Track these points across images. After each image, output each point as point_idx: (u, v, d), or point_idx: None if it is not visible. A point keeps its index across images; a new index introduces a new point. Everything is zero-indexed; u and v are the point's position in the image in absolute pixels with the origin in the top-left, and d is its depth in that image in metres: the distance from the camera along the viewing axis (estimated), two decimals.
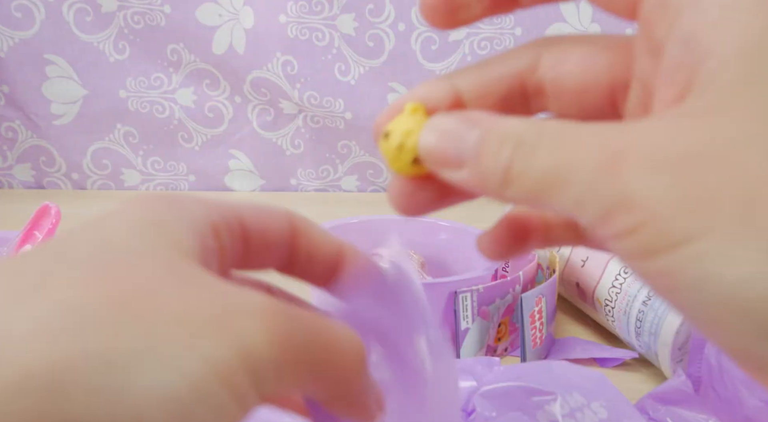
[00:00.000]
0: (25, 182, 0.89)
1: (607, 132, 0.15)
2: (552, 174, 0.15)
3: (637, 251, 0.14)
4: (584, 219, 0.15)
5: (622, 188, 0.14)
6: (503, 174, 0.16)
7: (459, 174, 0.17)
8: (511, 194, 0.16)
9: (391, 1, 0.83)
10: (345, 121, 0.88)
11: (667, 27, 0.16)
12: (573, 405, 0.34)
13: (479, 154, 0.16)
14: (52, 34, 0.81)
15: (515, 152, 0.16)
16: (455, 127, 0.17)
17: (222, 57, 0.83)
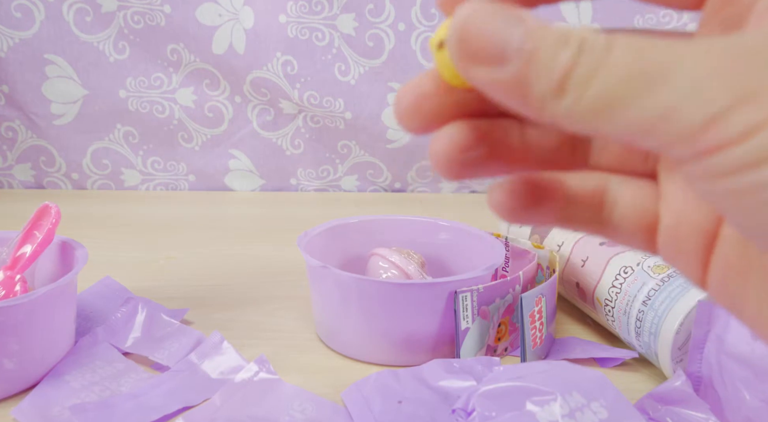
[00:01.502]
0: (25, 182, 0.89)
1: (704, 39, 0.13)
2: (634, 76, 0.13)
3: (751, 157, 0.12)
4: (668, 134, 0.13)
5: (747, 84, 0.12)
6: (560, 77, 0.13)
7: (497, 72, 0.14)
8: (563, 108, 0.14)
9: (391, 1, 0.83)
10: (345, 121, 0.87)
11: None
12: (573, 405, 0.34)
13: (530, 47, 0.14)
14: (52, 34, 0.81)
15: (580, 54, 0.13)
16: (496, 15, 0.14)
17: (222, 57, 0.83)
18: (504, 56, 0.14)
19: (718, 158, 0.13)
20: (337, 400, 0.40)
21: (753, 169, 0.12)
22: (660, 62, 0.13)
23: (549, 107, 0.14)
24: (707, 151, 0.13)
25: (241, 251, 0.67)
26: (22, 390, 0.40)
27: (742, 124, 0.12)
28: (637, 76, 0.13)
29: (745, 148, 0.12)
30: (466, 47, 0.14)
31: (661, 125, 0.13)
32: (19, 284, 0.44)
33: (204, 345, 0.44)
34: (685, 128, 0.13)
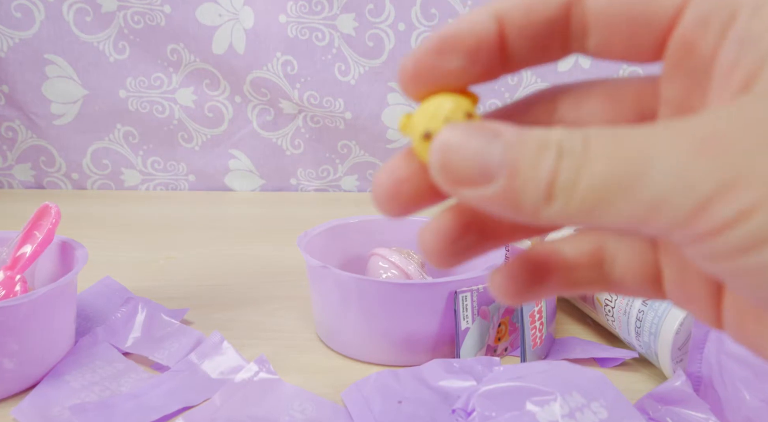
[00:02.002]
0: (25, 182, 0.89)
1: (675, 124, 0.13)
2: (617, 177, 0.13)
3: (747, 241, 0.12)
4: (661, 224, 0.13)
5: (726, 171, 0.12)
6: (546, 186, 0.14)
7: (485, 191, 0.14)
8: (555, 212, 0.14)
9: (391, 1, 0.83)
10: (345, 121, 0.88)
11: (716, 37, 0.15)
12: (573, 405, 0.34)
13: (512, 163, 0.14)
14: (52, 34, 0.81)
15: (560, 159, 0.13)
16: (473, 136, 0.15)
17: (222, 57, 0.83)
18: (488, 175, 0.14)
19: (713, 242, 0.13)
20: (337, 400, 0.40)
21: (749, 253, 0.12)
22: (638, 157, 0.13)
23: (542, 213, 0.14)
24: (702, 236, 0.13)
25: (241, 251, 0.67)
26: (22, 390, 0.40)
27: (731, 211, 0.12)
28: (619, 175, 0.13)
29: (738, 233, 0.12)
30: (450, 173, 0.15)
31: (652, 216, 0.13)
32: (19, 284, 0.44)
33: (204, 345, 0.44)
34: (676, 218, 0.13)
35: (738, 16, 0.15)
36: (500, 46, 0.18)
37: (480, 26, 0.17)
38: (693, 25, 0.16)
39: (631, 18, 0.17)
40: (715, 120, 0.13)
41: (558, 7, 0.17)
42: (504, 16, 0.17)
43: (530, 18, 0.17)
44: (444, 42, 0.17)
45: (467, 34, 0.17)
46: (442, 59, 0.17)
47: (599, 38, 0.17)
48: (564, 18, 0.17)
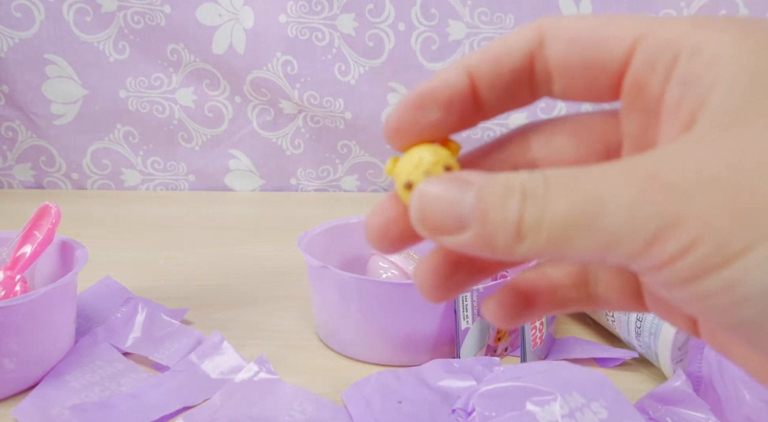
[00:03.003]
0: (25, 182, 0.89)
1: (623, 164, 0.15)
2: (575, 216, 0.14)
3: (693, 271, 0.14)
4: (619, 256, 0.14)
5: (668, 209, 0.13)
6: (515, 228, 0.15)
7: (461, 238, 0.16)
8: (527, 249, 0.15)
9: (391, 1, 0.82)
10: (345, 121, 0.87)
11: (663, 78, 0.17)
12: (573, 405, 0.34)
13: (482, 210, 0.15)
14: (52, 34, 0.81)
15: (524, 202, 0.15)
16: (446, 188, 0.16)
17: (222, 57, 0.83)
18: (462, 223, 0.16)
19: (663, 273, 0.14)
20: (337, 400, 0.40)
21: (694, 282, 0.14)
22: (593, 197, 0.14)
23: (515, 252, 0.15)
24: (653, 268, 0.14)
25: (241, 251, 0.67)
26: (22, 390, 0.40)
27: (674, 247, 0.14)
28: (578, 214, 0.14)
29: (682, 265, 0.14)
30: (428, 224, 0.16)
31: (610, 251, 0.14)
32: (19, 284, 0.44)
33: (204, 345, 0.44)
34: (629, 252, 0.14)
35: (680, 58, 0.16)
36: (473, 98, 0.19)
37: (453, 81, 0.19)
38: (642, 67, 0.17)
39: (587, 65, 0.18)
40: (658, 160, 0.14)
41: (522, 60, 0.19)
42: (474, 70, 0.19)
43: (498, 71, 0.19)
44: (421, 98, 0.19)
45: (442, 88, 0.19)
46: (421, 114, 0.19)
47: (561, 84, 0.19)
48: (529, 68, 0.19)
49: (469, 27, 0.84)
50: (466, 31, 0.85)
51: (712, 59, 0.15)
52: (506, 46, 0.19)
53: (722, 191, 0.13)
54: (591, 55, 0.18)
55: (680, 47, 0.16)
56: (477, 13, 0.83)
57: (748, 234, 0.13)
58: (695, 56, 0.16)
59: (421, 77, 0.86)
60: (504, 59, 0.19)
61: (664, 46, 0.17)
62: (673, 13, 0.80)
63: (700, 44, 0.16)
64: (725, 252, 0.13)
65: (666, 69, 0.17)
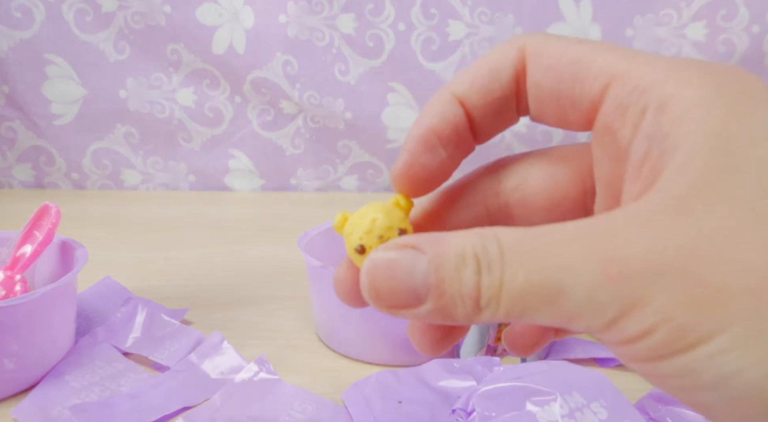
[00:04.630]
0: (25, 182, 0.89)
1: (582, 241, 0.14)
2: (533, 292, 0.14)
3: (651, 353, 0.14)
4: (581, 327, 0.14)
5: (629, 295, 0.13)
6: (472, 302, 0.15)
7: (420, 311, 0.15)
8: (486, 318, 0.15)
9: (391, 1, 0.82)
10: (345, 121, 0.87)
11: (631, 129, 0.16)
12: (573, 405, 0.34)
13: (437, 283, 0.15)
14: (52, 34, 0.81)
15: (479, 273, 0.14)
16: (397, 260, 0.15)
17: (222, 57, 0.83)
18: (418, 298, 0.15)
19: (625, 350, 0.14)
20: (337, 400, 0.40)
21: (654, 362, 0.14)
22: (551, 276, 0.14)
23: (475, 319, 0.15)
24: (615, 343, 0.14)
25: (241, 251, 0.67)
26: (22, 390, 0.40)
27: (634, 329, 0.14)
28: (537, 290, 0.14)
29: (642, 346, 0.14)
30: (382, 302, 0.16)
31: (573, 323, 0.14)
32: (19, 284, 0.44)
33: (204, 345, 0.44)
34: (592, 328, 0.14)
35: (647, 111, 0.16)
36: (471, 127, 0.19)
37: (451, 116, 0.19)
38: (612, 113, 0.17)
39: (559, 97, 0.18)
40: (615, 243, 0.14)
41: (510, 85, 0.18)
42: (464, 100, 0.19)
43: (487, 98, 0.19)
44: (427, 140, 0.19)
45: (443, 126, 0.19)
46: (430, 156, 0.19)
47: (535, 108, 0.19)
48: (516, 91, 0.19)
49: (469, 27, 0.84)
50: (466, 31, 0.85)
51: (679, 118, 0.15)
52: (493, 71, 0.18)
53: (675, 281, 0.13)
54: (564, 90, 0.18)
55: (649, 99, 0.16)
56: (477, 13, 0.83)
57: (703, 324, 0.13)
58: (663, 112, 0.15)
59: (421, 77, 0.86)
60: (494, 85, 0.18)
61: (635, 93, 0.16)
62: (672, 13, 0.80)
63: (670, 99, 0.15)
64: (683, 341, 0.13)
65: (634, 120, 0.16)
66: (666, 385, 0.14)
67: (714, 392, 0.13)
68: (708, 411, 0.14)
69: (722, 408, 0.14)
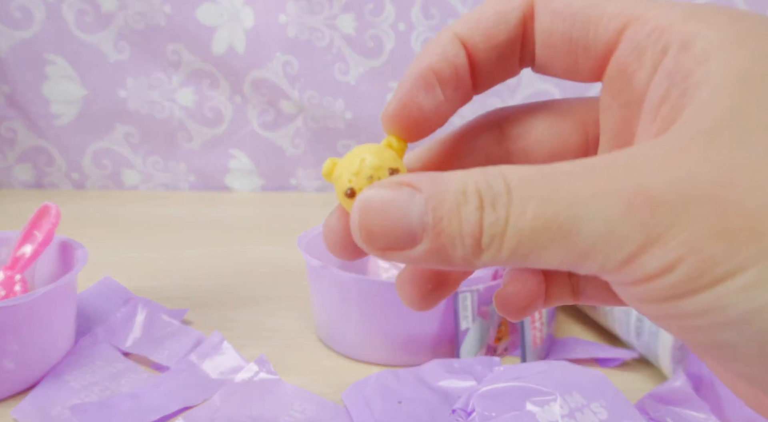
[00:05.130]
0: (25, 182, 0.89)
1: (602, 171, 0.13)
2: (545, 228, 0.13)
3: (670, 291, 0.13)
4: (592, 267, 0.13)
5: (653, 227, 0.13)
6: (473, 239, 0.14)
7: (414, 253, 0.14)
8: (487, 260, 0.14)
9: (391, 1, 0.83)
10: (345, 121, 0.88)
11: (649, 70, 0.16)
12: (573, 406, 0.34)
13: (435, 222, 0.14)
14: (52, 34, 0.81)
15: (482, 210, 0.13)
16: (391, 198, 0.14)
17: (222, 57, 0.83)
18: (413, 238, 0.14)
19: (640, 289, 0.13)
20: (337, 400, 0.40)
21: (671, 301, 0.13)
22: (567, 207, 0.13)
23: (473, 263, 0.14)
24: (631, 282, 0.13)
25: (241, 251, 0.67)
26: (22, 390, 0.40)
27: (656, 264, 0.13)
28: (548, 226, 0.13)
29: (661, 284, 0.13)
30: (373, 241, 0.15)
31: (584, 262, 0.13)
32: (19, 284, 0.44)
33: (204, 345, 0.44)
34: (606, 266, 0.13)
35: (668, 51, 0.15)
36: (471, 71, 0.18)
37: (452, 55, 0.17)
38: (628, 55, 0.16)
39: (570, 43, 0.17)
40: (640, 172, 0.13)
41: (516, 29, 0.17)
42: (468, 42, 0.18)
43: (492, 41, 0.18)
44: (425, 78, 0.17)
45: (443, 65, 0.17)
46: (427, 96, 0.17)
47: (543, 57, 0.18)
48: (521, 38, 0.18)
49: None
50: None
51: (702, 56, 0.14)
52: (500, 14, 0.17)
53: (709, 210, 0.12)
54: (576, 34, 0.17)
55: (670, 38, 0.15)
56: None
57: (734, 257, 0.12)
58: (685, 50, 0.15)
59: None
60: (499, 28, 0.17)
61: (654, 34, 0.15)
62: None
63: (692, 37, 0.15)
64: (708, 275, 0.12)
65: (653, 61, 0.15)
66: (682, 326, 0.13)
67: (739, 329, 0.13)
68: (728, 350, 0.13)
69: (745, 347, 0.13)
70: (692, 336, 0.14)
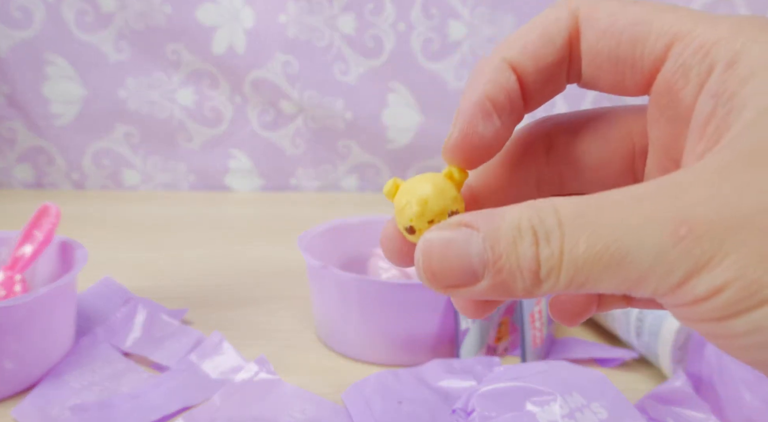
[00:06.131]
0: (25, 182, 0.89)
1: (648, 202, 0.14)
2: (597, 259, 0.14)
3: (720, 312, 0.13)
4: (647, 292, 0.14)
5: (700, 255, 0.13)
6: (532, 273, 0.14)
7: (477, 289, 0.15)
8: (546, 290, 0.15)
9: (391, 1, 0.83)
10: (345, 121, 0.88)
11: (695, 88, 0.16)
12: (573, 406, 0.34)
13: (494, 259, 0.15)
14: (52, 34, 0.81)
15: (538, 245, 0.14)
16: (451, 239, 0.15)
17: (222, 57, 0.83)
18: (475, 276, 0.15)
19: (690, 311, 0.14)
20: (337, 400, 0.40)
21: (719, 322, 0.14)
22: (617, 240, 0.14)
23: (534, 293, 0.15)
24: (681, 305, 0.14)
25: (241, 251, 0.67)
26: (22, 390, 0.40)
27: (704, 289, 0.13)
28: (599, 259, 0.14)
29: (709, 306, 0.13)
30: (439, 283, 0.16)
31: (636, 288, 0.14)
32: (19, 284, 0.44)
33: (204, 345, 0.44)
34: (657, 291, 0.14)
35: (714, 69, 0.15)
36: (522, 94, 0.18)
37: (504, 82, 0.18)
38: (674, 73, 0.16)
39: (617, 60, 0.17)
40: (685, 201, 0.14)
41: (562, 51, 0.18)
42: (516, 66, 0.18)
43: (540, 64, 0.18)
44: (484, 107, 0.18)
45: (497, 93, 0.18)
46: (486, 124, 0.18)
47: (589, 74, 0.18)
48: (568, 58, 0.18)
49: (469, 27, 0.84)
50: (466, 31, 0.85)
51: (748, 74, 0.15)
52: (546, 36, 0.18)
53: (752, 236, 0.13)
54: (623, 52, 0.17)
55: (716, 56, 0.15)
56: (477, 13, 0.83)
57: None
58: (730, 69, 0.15)
59: (421, 77, 0.86)
60: (546, 50, 0.18)
61: (700, 52, 0.16)
62: None
63: (737, 56, 0.15)
64: (756, 296, 0.13)
65: (699, 79, 0.16)
66: (733, 345, 0.14)
67: None
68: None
69: None
70: (743, 354, 0.14)
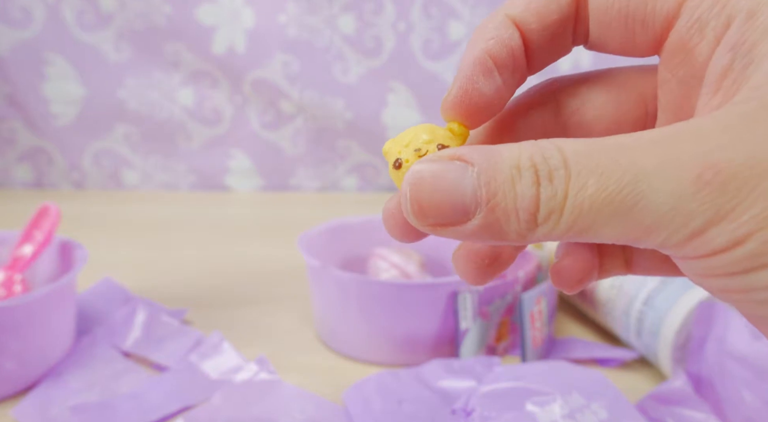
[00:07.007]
0: (25, 182, 0.89)
1: (667, 143, 0.13)
2: (607, 202, 0.13)
3: (736, 266, 0.13)
4: (656, 242, 0.13)
5: (724, 202, 0.12)
6: (529, 214, 0.13)
7: (465, 229, 0.14)
8: (542, 235, 0.14)
9: (391, 1, 0.83)
10: (345, 121, 0.88)
11: (711, 43, 0.15)
12: (573, 406, 0.34)
13: (489, 196, 0.13)
14: (52, 34, 0.81)
15: (539, 184, 0.13)
16: (442, 170, 0.14)
17: (222, 57, 0.83)
18: (466, 214, 0.14)
19: (704, 263, 0.13)
20: (337, 400, 0.40)
21: (736, 276, 0.13)
22: (631, 182, 0.13)
23: (528, 238, 0.14)
24: (695, 257, 0.13)
25: (241, 251, 0.67)
26: (22, 390, 0.40)
27: (724, 239, 0.13)
28: (609, 203, 0.13)
29: (728, 258, 0.13)
30: (426, 219, 0.14)
31: (647, 237, 0.13)
32: (19, 284, 0.44)
33: (204, 345, 0.44)
34: (671, 240, 0.13)
35: (732, 22, 0.15)
36: (525, 52, 0.18)
37: (507, 39, 0.17)
38: (688, 28, 0.16)
39: (627, 18, 0.17)
40: (707, 144, 0.13)
41: (568, 8, 0.17)
42: (520, 23, 0.17)
43: (544, 22, 0.17)
44: (485, 62, 0.17)
45: (499, 49, 0.17)
46: (486, 81, 0.17)
47: (598, 34, 0.18)
48: (573, 16, 0.17)
49: (469, 27, 0.84)
50: (466, 31, 0.85)
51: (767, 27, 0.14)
52: None
53: None
54: (633, 9, 0.16)
55: (734, 9, 0.15)
56: (477, 13, 0.83)
57: None
58: (750, 21, 0.14)
59: (422, 77, 0.86)
60: (551, 8, 0.17)
61: (717, 6, 0.15)
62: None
63: (759, 6, 0.14)
64: None
65: (715, 33, 0.15)
66: (747, 299, 0.13)
67: None
68: None
69: None
70: (757, 310, 0.13)
